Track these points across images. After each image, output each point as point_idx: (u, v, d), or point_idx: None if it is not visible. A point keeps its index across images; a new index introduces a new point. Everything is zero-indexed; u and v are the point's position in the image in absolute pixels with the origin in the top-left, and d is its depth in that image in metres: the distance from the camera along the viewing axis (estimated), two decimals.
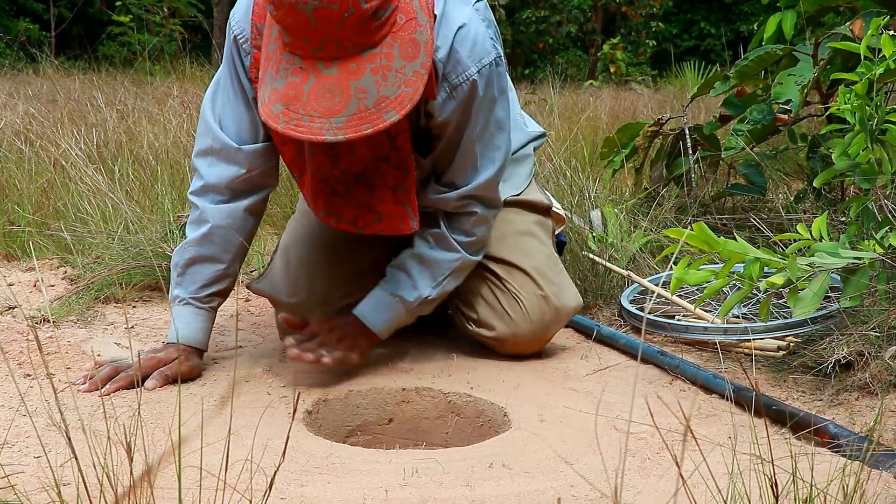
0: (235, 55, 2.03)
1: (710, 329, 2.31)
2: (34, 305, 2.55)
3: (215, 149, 2.08)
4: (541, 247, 2.31)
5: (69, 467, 1.46)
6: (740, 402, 1.88)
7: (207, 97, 2.12)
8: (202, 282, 2.11)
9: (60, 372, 2.05)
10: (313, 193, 2.06)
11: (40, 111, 4.96)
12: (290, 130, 1.72)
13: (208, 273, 2.11)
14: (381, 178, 2.03)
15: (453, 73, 1.93)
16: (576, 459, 1.63)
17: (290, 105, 1.73)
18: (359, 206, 2.07)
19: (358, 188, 2.05)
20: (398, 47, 1.77)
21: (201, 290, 2.11)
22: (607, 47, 14.57)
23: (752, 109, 3.18)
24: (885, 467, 1.51)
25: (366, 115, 1.73)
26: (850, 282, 1.90)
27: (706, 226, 1.80)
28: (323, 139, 1.71)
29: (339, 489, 1.48)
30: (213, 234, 2.09)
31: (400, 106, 1.75)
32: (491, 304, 2.23)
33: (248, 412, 1.84)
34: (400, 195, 2.04)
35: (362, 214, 2.07)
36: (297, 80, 1.74)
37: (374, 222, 2.08)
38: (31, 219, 3.21)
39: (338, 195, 2.06)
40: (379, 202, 2.05)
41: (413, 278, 2.12)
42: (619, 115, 6.79)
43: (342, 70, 1.73)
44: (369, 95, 1.73)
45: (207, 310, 2.12)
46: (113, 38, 12.74)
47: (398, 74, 1.76)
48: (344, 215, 2.08)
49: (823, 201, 3.14)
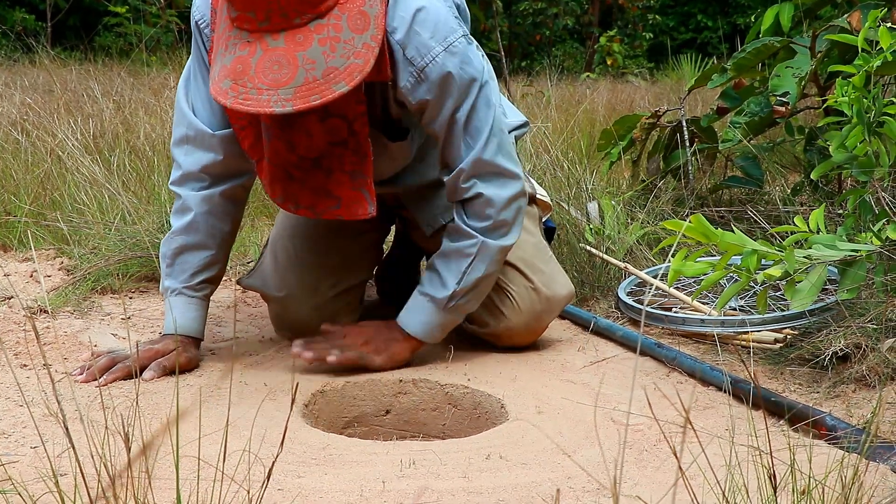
0: (199, 40, 2.02)
1: (707, 321, 2.31)
2: (31, 296, 2.54)
3: (190, 136, 2.08)
4: (528, 237, 2.28)
5: (66, 457, 1.46)
6: (738, 395, 1.88)
7: (181, 85, 2.10)
8: (192, 270, 2.10)
9: (57, 362, 2.05)
10: (270, 179, 2.02)
11: (37, 101, 4.94)
12: (239, 105, 1.69)
13: (197, 261, 2.10)
14: (339, 163, 1.99)
15: (417, 56, 1.88)
16: (573, 451, 1.63)
17: (238, 79, 1.70)
18: (316, 192, 2.02)
19: (315, 173, 2.01)
20: (346, 19, 1.74)
21: (192, 279, 2.10)
22: (604, 40, 14.55)
23: (750, 102, 3.18)
24: (883, 459, 1.52)
25: (314, 86, 1.70)
26: (847, 274, 1.90)
27: (704, 218, 1.80)
28: (271, 111, 1.68)
29: (336, 480, 1.48)
30: (197, 221, 2.09)
31: (349, 77, 1.72)
32: (482, 301, 2.22)
33: (246, 403, 1.84)
34: (358, 180, 2.00)
35: (320, 200, 2.03)
36: (245, 53, 1.71)
37: (333, 207, 2.03)
38: (28, 209, 3.20)
39: (294, 180, 2.02)
40: (337, 187, 2.01)
41: (440, 275, 2.08)
42: (615, 108, 6.78)
43: (289, 41, 1.70)
44: (317, 66, 1.70)
45: (200, 298, 2.12)
46: (109, 28, 12.69)
47: (346, 45, 1.73)
48: (302, 201, 2.03)
49: (821, 194, 3.14)
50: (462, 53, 1.91)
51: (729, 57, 3.26)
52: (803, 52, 2.98)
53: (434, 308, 2.09)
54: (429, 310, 2.10)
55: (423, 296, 2.10)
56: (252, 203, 3.61)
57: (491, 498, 1.43)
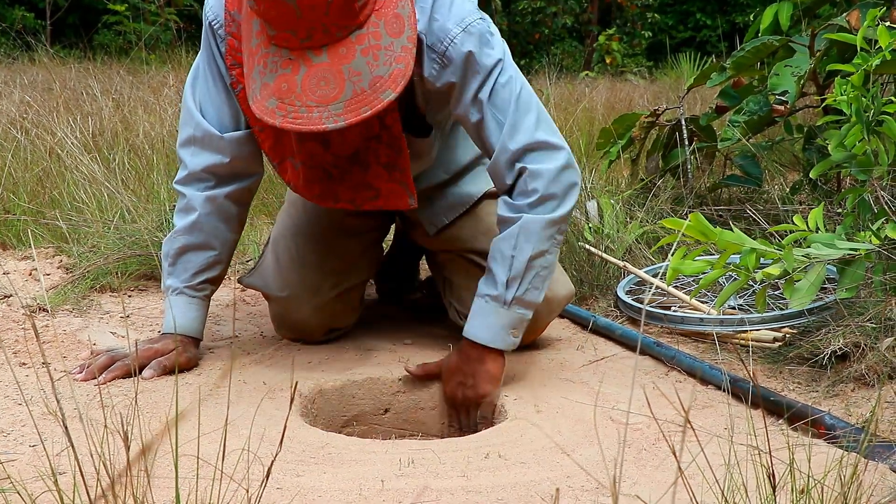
0: (212, 41, 2.01)
1: (706, 320, 2.31)
2: (30, 294, 2.54)
3: (197, 137, 2.07)
4: None
5: (65, 456, 1.46)
6: (737, 394, 1.88)
7: (188, 84, 2.09)
8: (194, 270, 2.10)
9: (56, 361, 2.05)
10: (306, 180, 2.03)
11: (36, 99, 4.94)
12: (288, 124, 1.70)
13: (199, 261, 2.10)
14: (375, 157, 2.00)
15: (437, 41, 1.88)
16: (572, 450, 1.63)
17: (285, 98, 1.70)
18: (355, 186, 2.04)
19: (353, 169, 2.03)
20: (384, 24, 1.74)
21: (193, 279, 2.10)
22: (603, 38, 14.54)
23: (749, 100, 3.18)
24: (882, 458, 1.52)
25: (363, 98, 1.70)
26: (846, 273, 1.90)
27: (702, 216, 1.80)
28: (324, 128, 1.69)
29: (335, 479, 1.48)
30: (200, 222, 2.08)
31: (395, 83, 1.73)
32: None
33: (245, 402, 1.84)
34: (395, 174, 2.01)
35: (359, 193, 2.05)
36: (288, 72, 1.71)
37: (372, 199, 2.05)
38: (27, 207, 3.20)
39: (333, 179, 2.04)
40: (375, 179, 2.03)
41: (491, 271, 1.98)
42: (614, 107, 6.78)
43: (332, 56, 1.70)
44: (363, 77, 1.70)
45: (201, 298, 2.12)
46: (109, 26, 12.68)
47: (388, 52, 1.73)
48: (342, 196, 2.06)
49: (819, 192, 3.14)
50: (480, 33, 1.89)
51: (728, 55, 3.26)
52: (802, 51, 2.98)
53: (495, 307, 1.96)
54: (490, 310, 1.97)
55: (480, 298, 1.99)
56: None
57: (490, 497, 1.43)
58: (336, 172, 2.03)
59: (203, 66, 2.05)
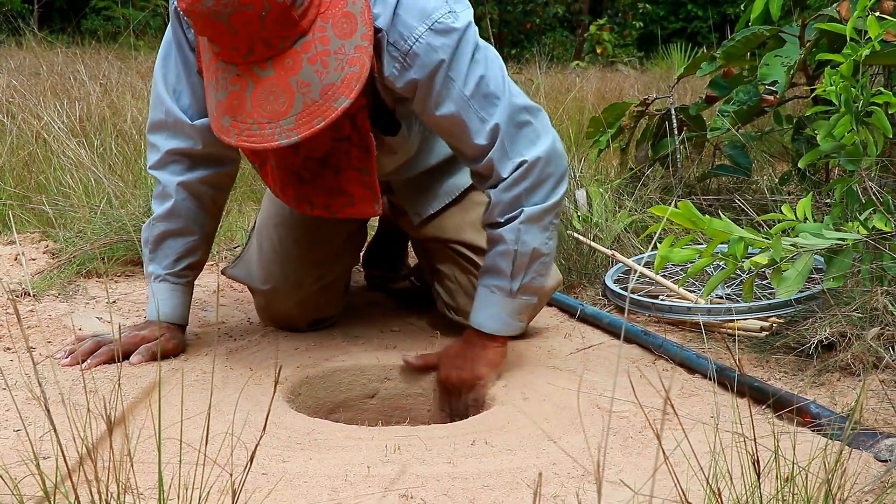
0: (178, 27, 1.96)
1: (693, 309, 2.31)
2: (15, 279, 2.53)
3: (168, 123, 2.03)
4: None
5: (48, 440, 1.45)
6: (723, 382, 1.88)
7: (158, 66, 2.03)
8: (175, 255, 2.08)
9: (41, 346, 2.04)
10: (280, 183, 1.99)
11: (23, 84, 4.91)
12: (243, 142, 1.66)
13: (179, 246, 2.08)
14: (347, 159, 1.94)
15: (400, 39, 1.78)
16: (558, 437, 1.63)
17: (237, 116, 1.66)
18: (328, 191, 1.99)
19: (324, 172, 1.97)
20: (331, 27, 1.67)
21: (175, 265, 2.08)
22: (594, 28, 14.53)
23: (738, 90, 3.18)
24: (865, 447, 1.52)
25: (315, 109, 1.65)
26: (833, 262, 1.90)
27: (691, 204, 1.80)
28: (276, 144, 1.64)
29: (320, 465, 1.48)
30: (177, 208, 2.06)
31: (348, 89, 1.66)
32: (469, 293, 2.21)
33: (230, 387, 1.83)
34: (364, 177, 1.95)
35: (333, 199, 1.99)
36: (237, 88, 1.66)
37: (347, 205, 1.99)
38: (13, 192, 3.18)
39: (305, 182, 1.99)
40: (347, 184, 1.97)
41: (496, 264, 1.96)
42: (605, 96, 6.78)
43: (279, 69, 1.64)
44: (313, 87, 1.64)
45: (184, 285, 2.11)
46: (97, 12, 12.64)
47: (338, 56, 1.67)
48: (316, 201, 2.00)
49: (808, 183, 3.14)
50: (444, 31, 1.79)
51: (719, 46, 3.26)
52: (792, 41, 2.98)
53: (501, 297, 1.97)
54: (496, 301, 1.97)
55: (485, 288, 1.99)
56: (239, 187, 3.59)
57: (476, 483, 1.43)
58: (307, 175, 1.98)
59: (173, 50, 2.00)
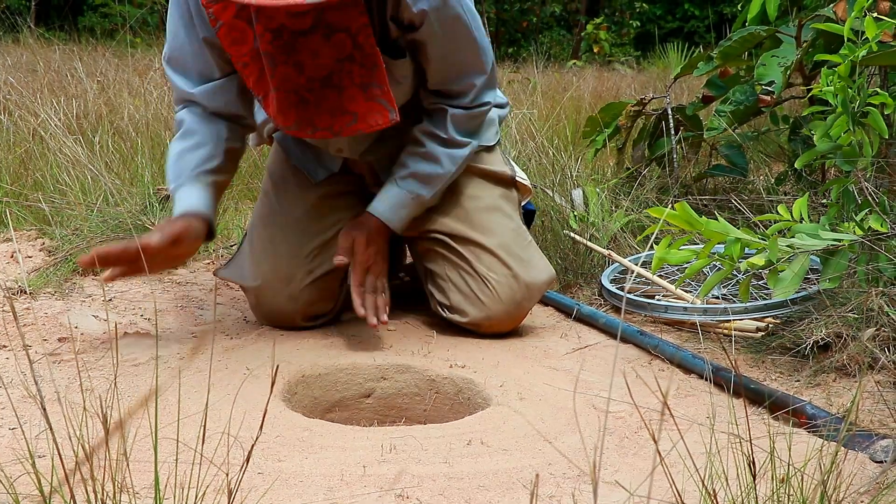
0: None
1: (689, 309, 2.31)
2: (11, 277, 2.53)
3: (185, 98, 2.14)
4: (507, 221, 2.29)
5: (44, 439, 1.45)
6: (719, 382, 1.88)
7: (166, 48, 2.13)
8: (195, 163, 2.09)
9: (37, 344, 2.04)
10: (282, 107, 2.00)
11: (19, 81, 4.91)
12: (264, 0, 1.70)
13: (200, 155, 2.10)
14: (349, 78, 1.97)
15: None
16: (554, 437, 1.63)
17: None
18: (332, 111, 2.01)
19: (327, 93, 2.00)
20: None
21: (195, 170, 2.09)
22: (591, 27, 14.54)
23: (735, 90, 3.18)
24: (861, 448, 1.52)
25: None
26: (829, 263, 1.90)
27: (688, 205, 1.81)
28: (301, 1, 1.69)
29: (316, 464, 1.48)
30: (196, 130, 2.11)
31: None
32: (462, 290, 2.22)
33: (226, 386, 1.83)
34: (372, 91, 1.98)
35: (336, 118, 2.01)
36: None
37: (350, 123, 2.02)
38: (10, 189, 3.18)
39: (309, 104, 2.00)
40: (350, 102, 2.00)
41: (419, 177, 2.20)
42: (602, 95, 6.79)
43: None
44: None
45: (206, 184, 2.10)
46: (94, 9, 12.63)
47: None
48: (319, 123, 2.02)
49: (804, 183, 3.14)
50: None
51: (715, 46, 3.26)
52: (789, 42, 2.98)
53: (413, 203, 2.20)
54: (407, 202, 2.19)
55: (404, 190, 2.19)
56: (236, 186, 3.60)
57: (472, 483, 1.43)
58: (311, 97, 2.00)
59: (176, 19, 2.07)
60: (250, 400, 1.75)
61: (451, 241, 2.24)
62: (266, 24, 1.92)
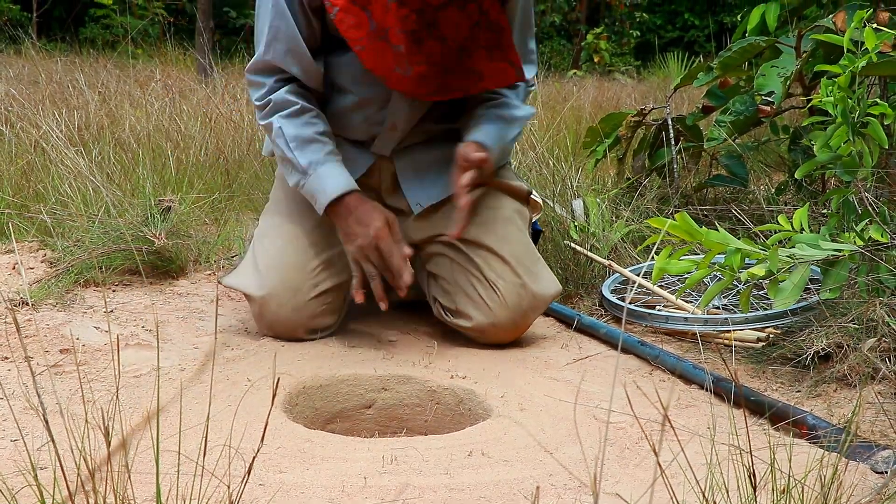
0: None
1: (690, 319, 2.32)
2: (13, 288, 2.53)
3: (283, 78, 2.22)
4: (520, 235, 2.32)
5: (46, 451, 1.45)
6: (719, 393, 1.89)
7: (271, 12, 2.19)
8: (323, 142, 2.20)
9: (38, 355, 2.04)
10: (423, 80, 2.14)
11: (21, 92, 4.92)
12: None
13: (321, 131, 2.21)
14: (475, 43, 2.14)
15: None
16: (555, 448, 1.63)
17: None
18: (465, 73, 2.18)
19: (461, 58, 2.14)
20: None
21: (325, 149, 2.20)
22: (591, 37, 14.57)
23: (735, 101, 3.19)
24: (862, 459, 1.52)
25: None
26: (830, 274, 1.91)
27: (688, 216, 1.81)
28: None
29: (317, 476, 1.48)
30: (308, 107, 2.21)
31: None
32: (469, 295, 2.23)
33: (227, 398, 1.83)
34: (496, 53, 2.16)
35: (467, 79, 2.19)
36: None
37: (477, 81, 2.21)
38: (11, 201, 3.18)
39: (448, 72, 2.15)
40: (478, 63, 2.17)
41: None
42: (602, 105, 6.80)
43: None
44: None
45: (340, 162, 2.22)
46: (96, 20, 12.66)
47: None
48: (453, 85, 2.19)
49: (804, 193, 3.15)
50: None
51: (715, 56, 3.27)
52: (789, 52, 2.99)
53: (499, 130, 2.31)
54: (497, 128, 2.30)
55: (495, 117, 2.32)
56: (237, 197, 3.60)
57: (472, 495, 1.43)
58: (450, 65, 2.14)
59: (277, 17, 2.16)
60: (251, 411, 1.75)
61: (462, 246, 2.26)
62: (411, 6, 2.03)
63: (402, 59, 2.09)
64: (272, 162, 3.82)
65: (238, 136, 4.32)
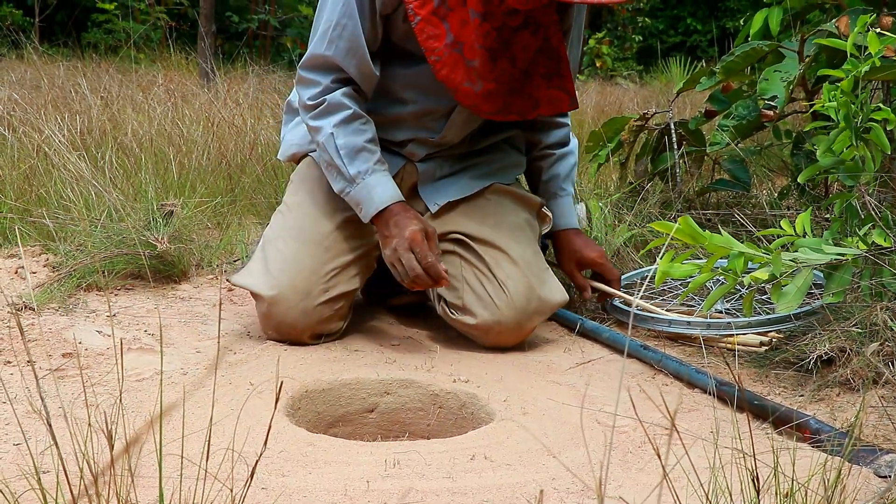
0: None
1: (693, 323, 2.31)
2: (16, 292, 2.53)
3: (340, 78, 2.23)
4: (531, 243, 2.36)
5: (49, 454, 1.45)
6: (723, 397, 1.88)
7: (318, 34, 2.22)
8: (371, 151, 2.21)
9: (41, 359, 2.04)
10: (490, 96, 2.19)
11: (24, 97, 4.92)
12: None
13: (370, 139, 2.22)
14: (535, 68, 2.22)
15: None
16: (558, 452, 1.63)
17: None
18: (525, 97, 2.24)
19: (524, 81, 2.22)
20: None
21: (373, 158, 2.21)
22: (593, 42, 14.56)
23: (738, 105, 3.19)
24: (866, 462, 1.52)
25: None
26: (833, 278, 1.91)
27: (692, 220, 1.81)
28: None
29: (320, 480, 1.48)
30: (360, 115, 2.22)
31: None
32: (476, 292, 2.25)
33: (230, 402, 1.83)
34: (553, 80, 2.25)
35: (526, 103, 2.26)
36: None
37: (533, 108, 2.27)
38: (14, 205, 3.18)
39: (513, 92, 2.22)
40: (535, 90, 2.24)
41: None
42: (604, 110, 6.80)
43: None
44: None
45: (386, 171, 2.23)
46: (98, 25, 12.66)
47: None
48: (513, 107, 2.25)
49: (807, 198, 3.15)
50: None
51: (718, 60, 3.26)
52: (791, 57, 2.99)
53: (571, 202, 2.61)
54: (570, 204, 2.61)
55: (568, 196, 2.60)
56: (240, 202, 3.60)
57: (475, 498, 1.43)
58: (516, 86, 2.22)
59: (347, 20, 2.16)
60: (254, 415, 1.75)
61: (473, 244, 2.28)
62: (493, 24, 2.12)
63: (475, 74, 2.15)
64: (278, 166, 3.83)
65: (240, 141, 4.31)
